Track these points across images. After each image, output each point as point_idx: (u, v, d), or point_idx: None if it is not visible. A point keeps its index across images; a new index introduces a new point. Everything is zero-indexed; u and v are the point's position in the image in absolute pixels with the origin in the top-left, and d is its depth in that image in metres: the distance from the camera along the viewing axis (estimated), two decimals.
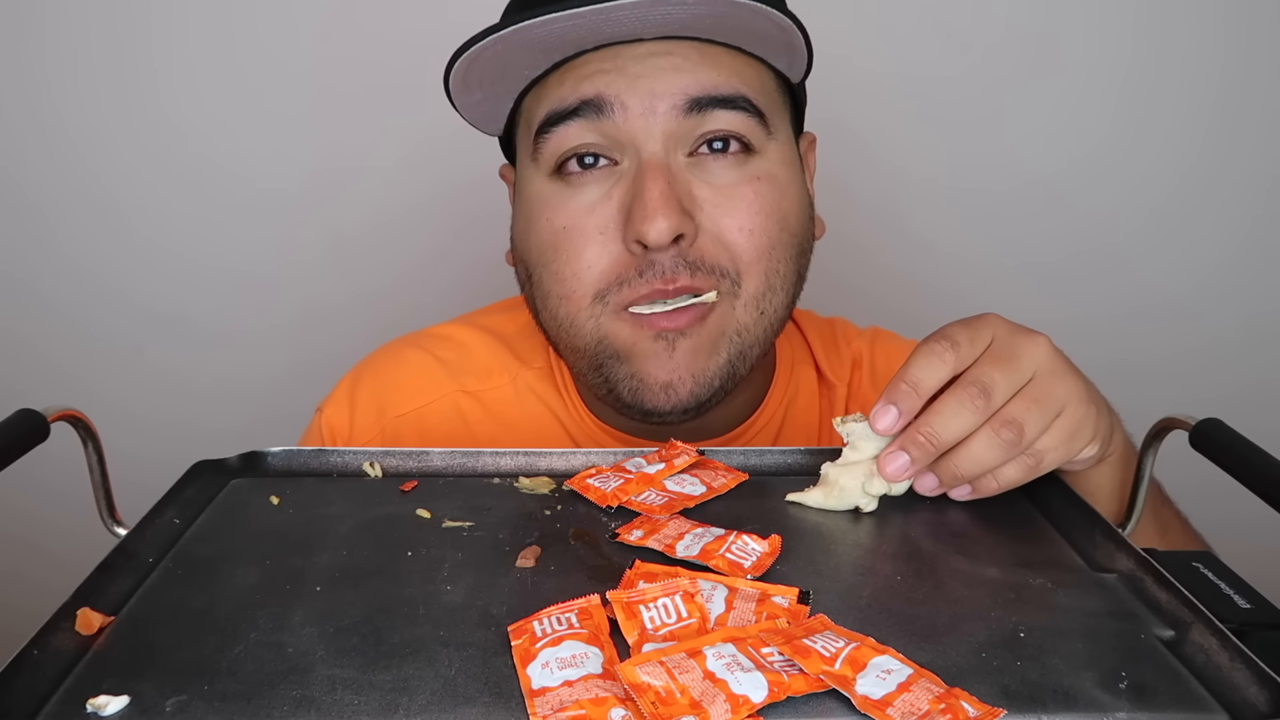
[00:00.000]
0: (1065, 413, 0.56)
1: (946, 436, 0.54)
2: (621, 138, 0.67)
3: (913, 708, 0.38)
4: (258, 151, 1.35)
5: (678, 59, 0.67)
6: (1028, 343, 0.56)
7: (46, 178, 1.34)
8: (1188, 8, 1.31)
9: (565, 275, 0.69)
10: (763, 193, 0.69)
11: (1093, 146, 1.35)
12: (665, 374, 0.69)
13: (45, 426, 0.53)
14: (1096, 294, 1.41)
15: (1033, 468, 0.56)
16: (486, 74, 0.69)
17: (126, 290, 1.39)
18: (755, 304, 0.70)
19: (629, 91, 0.66)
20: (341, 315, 1.37)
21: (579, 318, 0.70)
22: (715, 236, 0.68)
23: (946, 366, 0.54)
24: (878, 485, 0.57)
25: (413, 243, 1.38)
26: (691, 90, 0.66)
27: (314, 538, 0.54)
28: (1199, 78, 1.33)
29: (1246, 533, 0.82)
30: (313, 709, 0.39)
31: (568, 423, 0.83)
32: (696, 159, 0.68)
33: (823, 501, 0.58)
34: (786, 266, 0.71)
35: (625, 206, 0.67)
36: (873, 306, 1.24)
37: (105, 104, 1.32)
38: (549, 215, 0.70)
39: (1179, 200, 1.37)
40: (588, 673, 0.40)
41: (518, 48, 0.66)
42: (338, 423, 0.84)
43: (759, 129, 0.69)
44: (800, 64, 0.73)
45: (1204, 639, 0.43)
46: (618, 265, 0.68)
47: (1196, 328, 1.42)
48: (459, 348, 0.86)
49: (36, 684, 0.40)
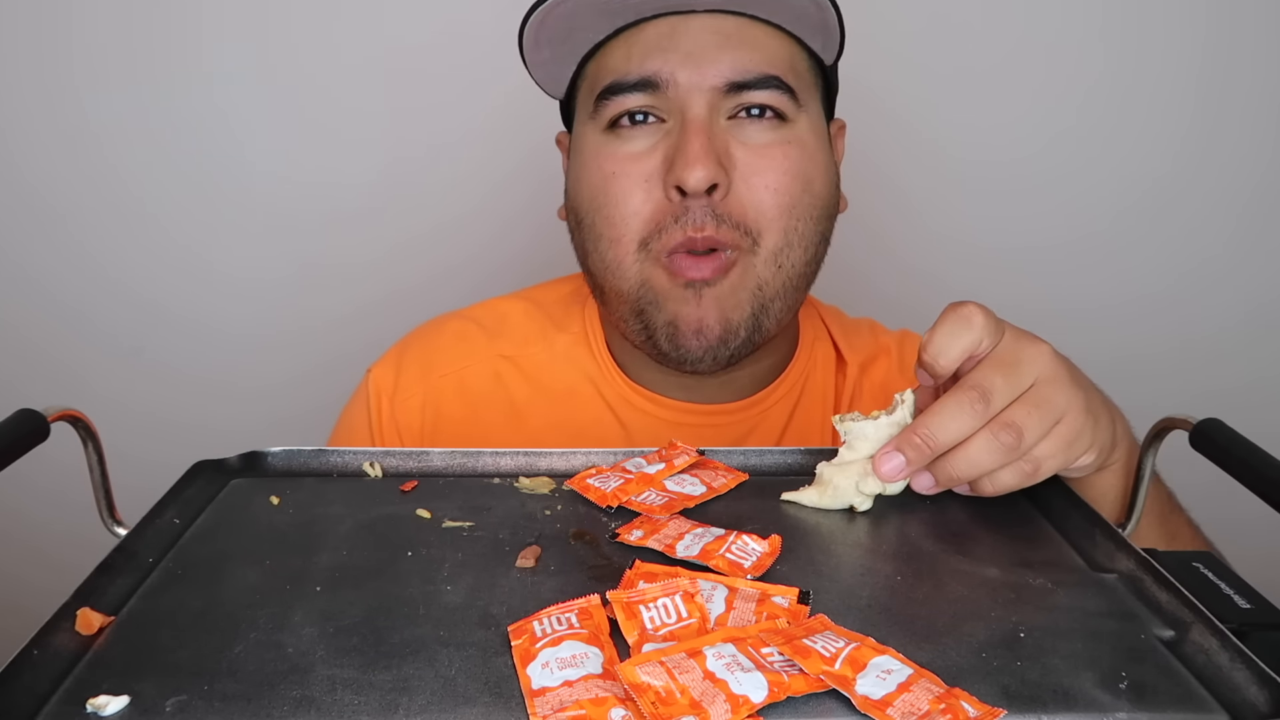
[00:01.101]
0: (1064, 420, 0.56)
1: (944, 439, 0.55)
2: (671, 104, 0.75)
3: (913, 708, 0.38)
4: (270, 156, 1.35)
5: (722, 37, 0.75)
6: (1030, 349, 0.57)
7: (63, 176, 1.34)
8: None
9: (615, 219, 0.76)
10: (791, 155, 0.76)
11: (1080, 132, 1.35)
12: (696, 317, 0.76)
13: (45, 426, 0.53)
14: (1096, 284, 1.41)
15: (1030, 474, 0.56)
16: (556, 32, 0.77)
17: (134, 290, 1.39)
18: (774, 259, 0.76)
19: (681, 68, 0.74)
20: (348, 323, 1.36)
21: (625, 261, 0.77)
22: (744, 193, 0.75)
23: (971, 336, 0.56)
24: (872, 484, 0.57)
25: (424, 255, 1.37)
26: (730, 74, 0.74)
27: (314, 538, 0.54)
28: (1188, 59, 1.32)
29: (1246, 533, 0.82)
30: (313, 709, 0.39)
31: (599, 381, 0.87)
32: (735, 121, 0.76)
33: (818, 500, 0.58)
34: (806, 226, 0.77)
35: (669, 158, 0.74)
36: (874, 294, 1.24)
37: (123, 103, 1.31)
38: (600, 163, 0.77)
39: (1167, 186, 1.37)
40: (588, 673, 0.40)
41: (586, 8, 0.75)
42: (384, 382, 0.89)
43: (791, 103, 0.76)
44: (833, 45, 0.79)
45: (1204, 639, 0.43)
46: (658, 212, 0.75)
47: (1197, 319, 1.41)
48: (500, 317, 0.92)
49: (36, 684, 0.40)
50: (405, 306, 1.32)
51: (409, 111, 1.33)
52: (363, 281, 1.39)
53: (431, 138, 1.34)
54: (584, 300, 0.90)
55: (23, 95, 1.31)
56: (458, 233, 1.37)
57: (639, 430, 0.85)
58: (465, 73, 1.30)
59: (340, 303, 1.39)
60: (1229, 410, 0.56)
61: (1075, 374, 0.58)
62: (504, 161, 1.31)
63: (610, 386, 0.87)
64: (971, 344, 0.56)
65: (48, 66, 1.30)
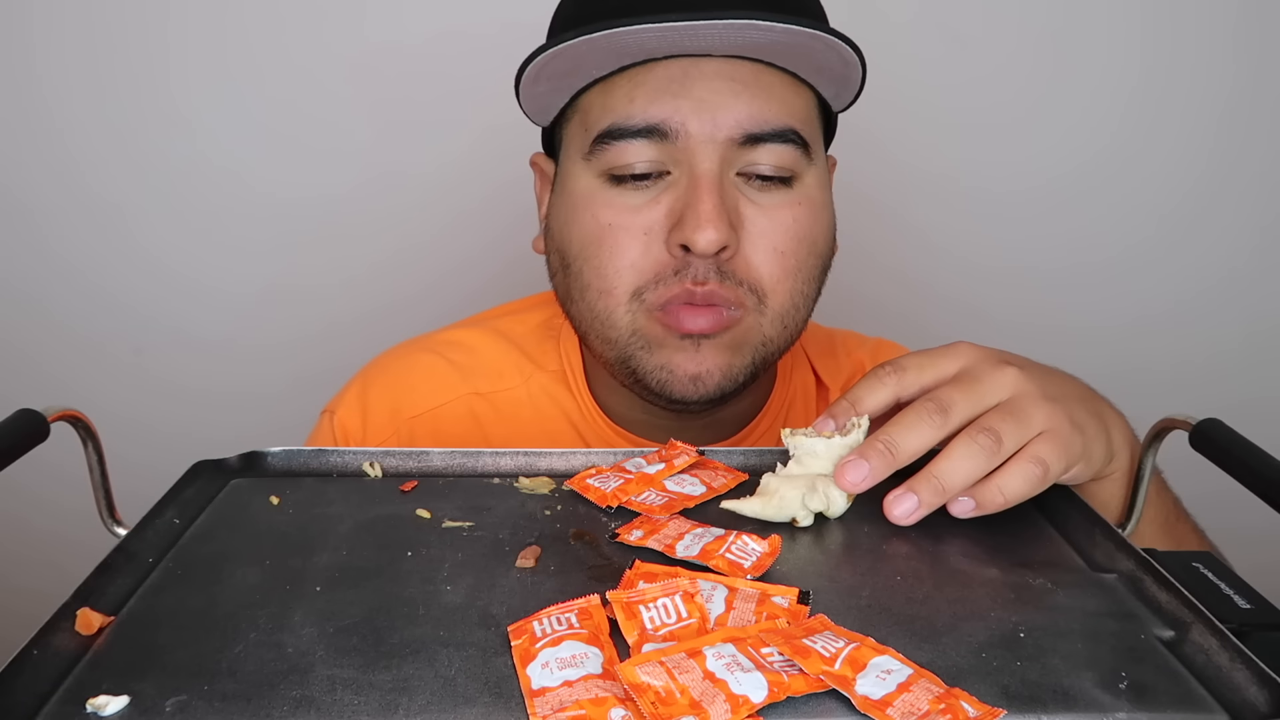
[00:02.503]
0: (1048, 432, 0.56)
1: (905, 447, 0.55)
2: (679, 155, 0.70)
3: (913, 708, 0.38)
4: (263, 161, 1.35)
5: (738, 84, 0.70)
6: (993, 371, 0.58)
7: (43, 183, 1.33)
8: (1198, 14, 1.31)
9: (608, 271, 0.72)
10: (800, 218, 0.73)
11: (1100, 152, 1.36)
12: (694, 367, 0.73)
13: (45, 427, 0.53)
14: (1102, 301, 1.41)
15: (1040, 477, 0.55)
16: (560, 69, 0.71)
17: (127, 298, 1.39)
18: (780, 320, 0.74)
19: (693, 117, 0.69)
20: (345, 330, 1.35)
21: (616, 312, 0.73)
22: (750, 253, 0.72)
23: (887, 390, 0.59)
24: (817, 501, 0.56)
25: (418, 263, 1.38)
26: (747, 125, 0.70)
27: (314, 538, 0.54)
28: (1208, 85, 1.33)
29: (1246, 533, 0.82)
30: (313, 709, 0.39)
31: (580, 424, 0.84)
32: (745, 178, 0.72)
33: (760, 510, 0.56)
34: (809, 286, 0.75)
35: (674, 212, 0.70)
36: (875, 310, 1.24)
37: (107, 110, 1.31)
38: (595, 211, 0.72)
39: (1187, 207, 1.37)
40: (588, 673, 0.40)
41: (599, 50, 0.69)
42: (350, 425, 0.85)
43: (802, 158, 0.72)
44: (848, 97, 0.76)
45: (1204, 639, 0.43)
46: (657, 265, 0.71)
47: (1201, 336, 1.41)
48: (469, 351, 0.87)
49: (36, 684, 0.40)
50: (403, 313, 1.32)
51: (400, 119, 1.33)
52: (357, 289, 1.39)
53: (422, 145, 1.33)
54: (558, 333, 0.86)
55: (4, 108, 1.30)
56: (452, 240, 1.36)
57: None
58: (454, 82, 1.29)
59: (335, 310, 1.39)
60: (1232, 421, 0.56)
61: (1049, 390, 0.58)
62: (495, 167, 1.31)
63: (591, 429, 0.83)
64: (887, 399, 0.59)
65: (27, 73, 1.29)
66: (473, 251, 1.35)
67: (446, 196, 1.35)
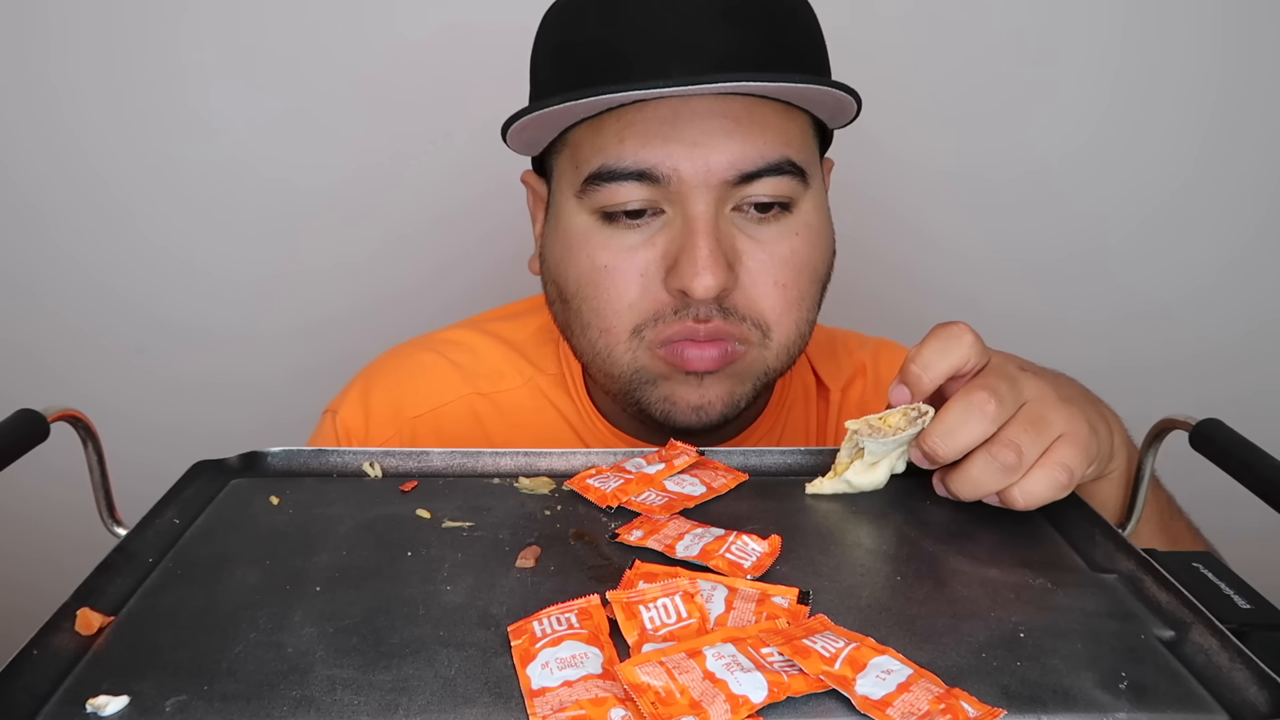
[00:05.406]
0: (1066, 435, 0.56)
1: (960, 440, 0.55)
2: (672, 196, 0.69)
3: (913, 708, 0.38)
4: (264, 157, 1.35)
5: (730, 122, 0.68)
6: (1019, 371, 0.57)
7: (46, 179, 1.34)
8: (1187, 7, 1.31)
9: (606, 312, 0.72)
10: (799, 249, 0.72)
11: (1093, 146, 1.35)
12: (697, 399, 0.73)
13: (45, 427, 0.53)
14: (1096, 295, 1.41)
15: (1064, 484, 0.55)
16: (547, 118, 0.70)
17: (128, 294, 1.39)
18: (786, 350, 0.74)
19: (685, 161, 0.68)
20: (345, 325, 1.36)
21: (616, 350, 0.73)
22: (750, 287, 0.71)
23: (954, 357, 0.57)
24: (902, 464, 0.59)
25: (419, 255, 1.37)
26: (740, 165, 0.68)
27: (314, 538, 0.54)
28: (1200, 78, 1.32)
29: (1246, 533, 0.82)
30: (313, 709, 0.39)
31: (579, 426, 0.84)
32: (740, 213, 0.71)
33: (857, 475, 0.59)
34: (812, 312, 0.75)
35: (670, 254, 0.69)
36: (869, 304, 1.24)
37: (110, 105, 1.31)
38: (589, 252, 0.71)
39: (1180, 202, 1.37)
40: (587, 673, 0.40)
41: (585, 105, 0.67)
42: (353, 424, 0.84)
43: (799, 186, 0.71)
44: (843, 120, 0.75)
45: (1204, 639, 0.43)
46: (656, 305, 0.71)
47: (1196, 332, 1.41)
48: (470, 352, 0.87)
49: (36, 684, 0.40)
50: (408, 308, 1.33)
51: (405, 109, 1.32)
52: (358, 281, 1.38)
53: (428, 134, 1.33)
54: (557, 338, 0.85)
55: (6, 99, 1.30)
56: (453, 229, 1.36)
57: None
58: (460, 70, 1.29)
59: (335, 303, 1.39)
60: (1229, 418, 0.56)
61: (1063, 391, 0.58)
62: (495, 162, 1.31)
63: (590, 432, 0.84)
64: (959, 361, 0.57)
65: (30, 69, 1.29)
66: (471, 245, 1.35)
67: (447, 190, 1.35)
